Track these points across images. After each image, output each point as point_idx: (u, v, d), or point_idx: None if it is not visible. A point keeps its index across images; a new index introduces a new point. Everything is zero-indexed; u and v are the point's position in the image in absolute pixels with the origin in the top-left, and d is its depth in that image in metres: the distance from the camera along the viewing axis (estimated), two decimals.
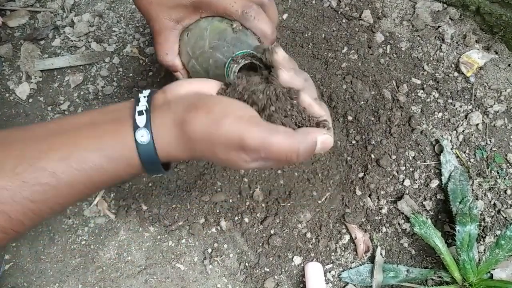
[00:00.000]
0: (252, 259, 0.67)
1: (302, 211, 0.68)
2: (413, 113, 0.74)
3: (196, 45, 0.49)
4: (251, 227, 0.68)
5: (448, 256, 0.62)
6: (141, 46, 0.79)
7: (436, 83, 0.77)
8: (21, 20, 0.80)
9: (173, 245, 0.68)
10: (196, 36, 0.49)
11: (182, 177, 0.70)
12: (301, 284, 0.66)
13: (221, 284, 0.66)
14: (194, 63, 0.50)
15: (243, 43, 0.46)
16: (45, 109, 0.75)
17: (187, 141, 0.36)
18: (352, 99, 0.74)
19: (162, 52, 0.51)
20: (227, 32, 0.48)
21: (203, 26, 0.49)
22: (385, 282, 0.64)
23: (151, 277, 0.66)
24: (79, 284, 0.66)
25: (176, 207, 0.69)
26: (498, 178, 0.70)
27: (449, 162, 0.70)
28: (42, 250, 0.67)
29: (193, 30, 0.50)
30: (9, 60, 0.78)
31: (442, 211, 0.69)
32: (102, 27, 0.80)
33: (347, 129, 0.74)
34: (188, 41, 0.50)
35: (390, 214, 0.69)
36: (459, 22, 0.81)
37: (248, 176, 0.70)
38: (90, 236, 0.68)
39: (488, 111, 0.74)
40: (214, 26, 0.49)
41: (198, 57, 0.49)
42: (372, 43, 0.79)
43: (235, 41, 0.47)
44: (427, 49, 0.79)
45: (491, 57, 0.77)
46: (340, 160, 0.72)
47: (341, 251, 0.68)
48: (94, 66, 0.78)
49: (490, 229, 0.67)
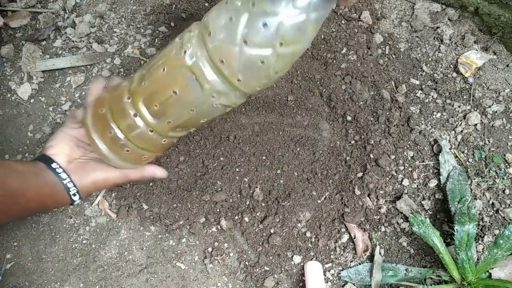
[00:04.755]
0: (252, 258, 0.68)
1: (301, 211, 0.69)
2: (411, 113, 0.75)
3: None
4: (251, 226, 0.69)
5: (446, 255, 0.62)
6: (142, 47, 0.80)
7: (434, 84, 0.77)
8: (23, 21, 0.81)
9: (174, 244, 0.68)
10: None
11: (183, 176, 0.71)
12: (301, 283, 0.66)
13: (221, 283, 0.67)
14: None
15: None
16: (47, 109, 0.76)
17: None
18: (351, 99, 0.75)
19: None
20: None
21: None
22: (384, 281, 0.65)
23: (152, 276, 0.67)
24: (80, 283, 0.66)
25: (176, 207, 0.69)
26: (496, 178, 0.70)
27: (448, 162, 0.71)
28: (43, 249, 0.68)
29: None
30: (11, 60, 0.79)
31: (441, 211, 0.69)
32: (103, 28, 0.81)
33: (346, 129, 0.74)
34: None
35: (389, 214, 0.70)
36: (457, 23, 0.81)
37: (248, 176, 0.71)
38: (91, 235, 0.69)
39: (487, 111, 0.74)
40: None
41: None
42: (371, 44, 0.79)
43: None
44: (425, 50, 0.79)
45: (489, 57, 0.78)
46: (339, 160, 0.73)
47: (340, 250, 0.68)
48: (96, 67, 0.79)
49: (489, 228, 0.68)
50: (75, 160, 0.57)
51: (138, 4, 0.83)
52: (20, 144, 0.73)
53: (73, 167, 0.56)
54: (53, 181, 0.54)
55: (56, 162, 0.55)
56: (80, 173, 0.56)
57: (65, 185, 0.55)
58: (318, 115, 0.75)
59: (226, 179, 0.70)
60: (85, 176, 0.56)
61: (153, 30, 0.81)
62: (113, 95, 0.55)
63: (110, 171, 0.58)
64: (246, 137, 0.73)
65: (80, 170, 0.56)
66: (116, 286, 0.66)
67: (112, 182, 0.59)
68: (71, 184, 0.55)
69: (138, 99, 0.52)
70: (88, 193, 0.59)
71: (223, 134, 0.73)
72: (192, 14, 0.82)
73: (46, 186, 0.54)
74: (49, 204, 0.56)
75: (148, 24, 0.82)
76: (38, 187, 0.54)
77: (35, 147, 0.73)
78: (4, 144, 0.73)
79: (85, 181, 0.57)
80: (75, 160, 0.57)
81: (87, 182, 0.57)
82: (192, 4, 0.83)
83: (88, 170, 0.57)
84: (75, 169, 0.56)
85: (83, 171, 0.57)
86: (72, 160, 0.57)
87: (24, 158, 0.72)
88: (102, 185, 0.58)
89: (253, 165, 0.72)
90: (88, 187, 0.57)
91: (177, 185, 0.70)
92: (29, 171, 0.54)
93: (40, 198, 0.54)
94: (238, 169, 0.71)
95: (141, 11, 0.83)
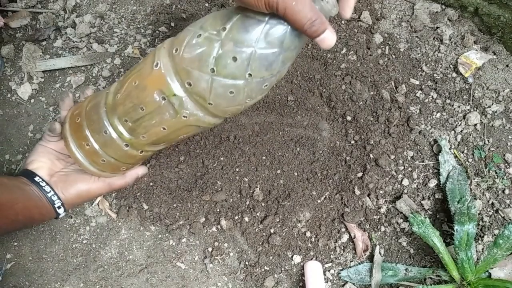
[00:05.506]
0: (252, 258, 0.68)
1: (301, 210, 0.69)
2: (411, 113, 0.75)
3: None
4: (251, 226, 0.69)
5: (446, 255, 0.62)
6: (142, 47, 0.80)
7: (434, 84, 0.77)
8: (23, 21, 0.81)
9: (174, 244, 0.69)
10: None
11: (183, 176, 0.71)
12: (301, 282, 0.66)
13: (221, 283, 0.67)
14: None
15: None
16: (47, 109, 0.76)
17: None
18: (351, 99, 0.75)
19: None
20: None
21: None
22: (384, 281, 0.65)
23: (152, 276, 0.67)
24: (80, 283, 0.66)
25: (177, 206, 0.69)
26: (496, 177, 0.70)
27: (448, 162, 0.71)
28: (43, 249, 0.68)
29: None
30: (11, 60, 0.79)
31: (441, 211, 0.69)
32: (103, 28, 0.81)
33: (346, 129, 0.74)
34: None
35: (388, 214, 0.70)
36: (457, 23, 0.81)
37: (248, 176, 0.71)
38: (91, 235, 0.69)
39: (486, 111, 0.75)
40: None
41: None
42: (371, 44, 0.79)
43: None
44: (425, 50, 0.79)
45: (489, 57, 0.78)
46: (339, 160, 0.73)
47: (340, 250, 0.68)
48: (96, 67, 0.79)
49: (488, 228, 0.68)
50: (56, 174, 0.58)
51: (138, 4, 0.83)
52: (21, 144, 0.73)
53: (55, 180, 0.57)
54: (37, 195, 0.55)
55: (38, 176, 0.56)
56: (63, 186, 0.57)
57: (49, 198, 0.55)
58: (318, 115, 0.75)
59: (226, 179, 0.71)
60: (68, 189, 0.57)
61: (153, 30, 0.81)
62: (90, 105, 0.54)
63: (92, 182, 0.58)
64: (246, 137, 0.73)
65: (63, 183, 0.57)
66: (116, 286, 0.66)
67: (96, 193, 0.59)
68: (56, 197, 0.56)
69: (112, 113, 0.51)
70: (73, 205, 0.59)
71: (223, 134, 0.73)
72: (192, 14, 0.82)
73: (32, 199, 0.55)
74: (35, 217, 0.57)
75: (148, 24, 0.82)
76: (25, 199, 0.54)
77: None
78: (4, 144, 0.73)
79: (68, 193, 0.57)
80: (57, 173, 0.58)
81: (70, 195, 0.57)
82: (192, 4, 0.83)
83: (71, 182, 0.57)
84: (58, 182, 0.57)
85: (66, 183, 0.57)
86: (54, 174, 0.58)
87: (24, 157, 0.72)
88: (86, 197, 0.59)
89: (253, 165, 0.72)
90: (72, 199, 0.58)
91: (177, 185, 0.70)
92: (14, 185, 0.54)
93: (28, 211, 0.55)
94: (238, 169, 0.71)
95: (141, 11, 0.83)
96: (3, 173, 0.71)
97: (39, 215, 0.57)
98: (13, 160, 0.72)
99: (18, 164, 0.72)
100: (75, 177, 0.58)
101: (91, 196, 0.59)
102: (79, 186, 0.58)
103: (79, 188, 0.58)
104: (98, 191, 0.59)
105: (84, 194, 0.58)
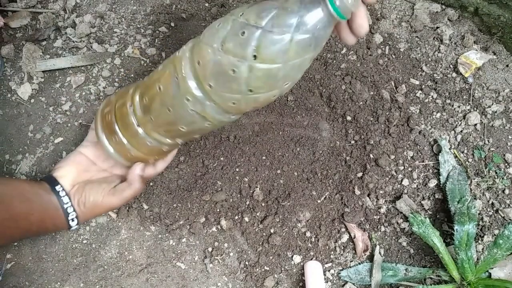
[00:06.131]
0: (252, 258, 0.68)
1: (301, 210, 0.69)
2: (411, 113, 0.75)
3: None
4: (251, 226, 0.69)
5: (446, 255, 0.62)
6: (142, 47, 0.80)
7: (434, 84, 0.77)
8: (23, 21, 0.81)
9: (174, 244, 0.69)
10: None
11: (183, 176, 0.71)
12: (301, 282, 0.67)
13: (221, 283, 0.67)
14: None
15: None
16: (47, 109, 0.76)
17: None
18: (351, 99, 0.75)
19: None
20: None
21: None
22: (384, 281, 0.65)
23: (152, 276, 0.67)
24: (80, 283, 0.66)
25: (177, 206, 0.69)
26: (496, 177, 0.70)
27: (448, 162, 0.71)
28: (43, 249, 0.68)
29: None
30: (11, 60, 0.79)
31: (441, 211, 0.69)
32: (103, 28, 0.81)
33: (346, 129, 0.74)
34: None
35: (388, 214, 0.70)
36: (457, 23, 0.81)
37: (248, 176, 0.71)
38: (91, 235, 0.69)
39: (486, 112, 0.75)
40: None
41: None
42: (371, 44, 0.79)
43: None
44: (425, 50, 0.79)
45: (489, 57, 0.78)
46: (339, 160, 0.73)
47: (340, 250, 0.68)
48: (96, 67, 0.79)
49: (488, 228, 0.68)
50: (77, 185, 0.58)
51: (138, 4, 0.83)
52: (21, 144, 0.73)
53: (74, 192, 0.57)
54: (55, 205, 0.55)
55: (60, 185, 0.56)
56: (80, 199, 0.57)
57: (65, 210, 0.55)
58: (318, 115, 0.75)
59: (226, 179, 0.71)
60: (85, 202, 0.57)
61: (153, 30, 0.81)
62: (119, 99, 0.56)
63: (108, 198, 0.58)
64: (246, 137, 0.73)
65: (80, 196, 0.57)
66: (116, 286, 0.66)
67: (110, 208, 0.59)
68: (71, 209, 0.56)
69: (135, 93, 0.54)
70: (86, 219, 0.59)
71: (223, 134, 0.73)
72: (192, 14, 0.82)
73: (49, 210, 0.55)
74: (49, 227, 0.57)
75: (148, 24, 0.82)
76: (41, 210, 0.54)
77: (36, 147, 0.73)
78: (4, 144, 0.73)
79: (84, 207, 0.57)
80: (78, 184, 0.58)
81: (85, 209, 0.57)
82: (192, 4, 0.83)
83: (88, 196, 0.57)
84: (75, 194, 0.57)
85: (83, 197, 0.57)
86: (75, 184, 0.58)
87: (25, 158, 0.72)
88: (99, 211, 0.59)
89: (253, 165, 0.72)
90: (86, 214, 0.57)
91: (177, 185, 0.70)
92: (35, 192, 0.54)
93: (42, 222, 0.55)
94: (238, 169, 0.71)
95: (141, 11, 0.83)
96: (3, 173, 0.71)
97: (52, 226, 0.57)
98: (13, 160, 0.72)
99: (18, 164, 0.72)
100: (94, 190, 0.58)
101: (105, 210, 0.59)
102: (95, 200, 0.57)
103: (96, 202, 0.57)
104: (112, 206, 0.59)
105: (98, 209, 0.58)
